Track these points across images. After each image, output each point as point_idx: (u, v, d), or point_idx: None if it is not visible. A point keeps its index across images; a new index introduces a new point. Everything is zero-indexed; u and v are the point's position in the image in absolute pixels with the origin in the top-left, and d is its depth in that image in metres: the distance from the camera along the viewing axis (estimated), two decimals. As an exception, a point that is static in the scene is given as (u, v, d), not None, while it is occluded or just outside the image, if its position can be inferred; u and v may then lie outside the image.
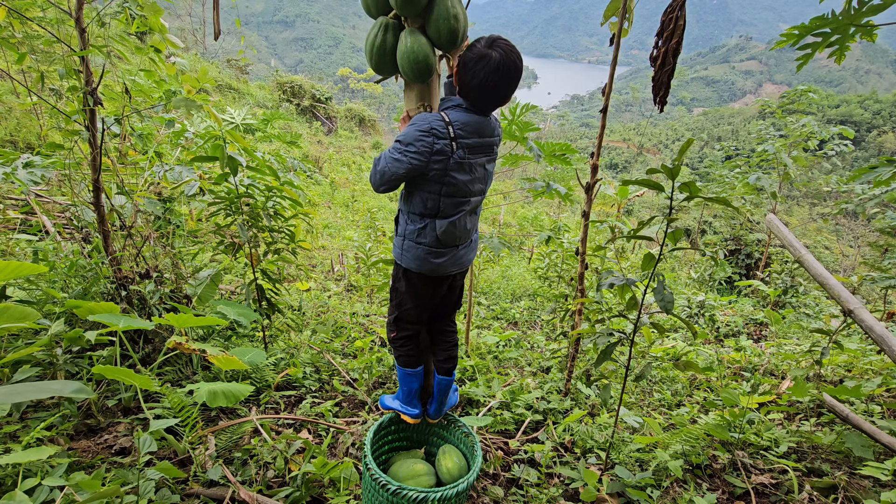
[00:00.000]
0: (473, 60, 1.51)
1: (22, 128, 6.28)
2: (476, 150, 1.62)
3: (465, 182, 1.63)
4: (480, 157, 1.64)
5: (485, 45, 1.52)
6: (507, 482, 2.19)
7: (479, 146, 1.63)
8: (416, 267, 1.70)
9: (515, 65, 1.52)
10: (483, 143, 1.64)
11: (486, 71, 1.50)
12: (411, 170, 1.57)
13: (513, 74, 1.53)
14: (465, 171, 1.63)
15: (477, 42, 1.54)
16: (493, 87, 1.53)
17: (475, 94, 1.56)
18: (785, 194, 7.08)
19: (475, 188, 1.68)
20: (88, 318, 1.82)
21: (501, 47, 1.50)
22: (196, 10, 28.53)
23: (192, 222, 4.12)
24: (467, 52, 1.54)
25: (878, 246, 4.35)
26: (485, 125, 1.62)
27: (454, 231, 1.68)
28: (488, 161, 1.69)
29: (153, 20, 2.47)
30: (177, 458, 2.00)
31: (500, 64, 1.49)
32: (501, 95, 1.57)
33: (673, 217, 1.74)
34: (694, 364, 1.99)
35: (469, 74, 1.53)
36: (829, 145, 6.50)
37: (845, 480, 2.07)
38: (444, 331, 1.93)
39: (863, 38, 2.00)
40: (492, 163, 1.72)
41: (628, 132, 72.71)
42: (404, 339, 1.87)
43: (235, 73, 17.01)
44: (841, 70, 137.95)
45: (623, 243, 5.49)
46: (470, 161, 1.62)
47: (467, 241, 1.77)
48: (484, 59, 1.49)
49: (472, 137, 1.60)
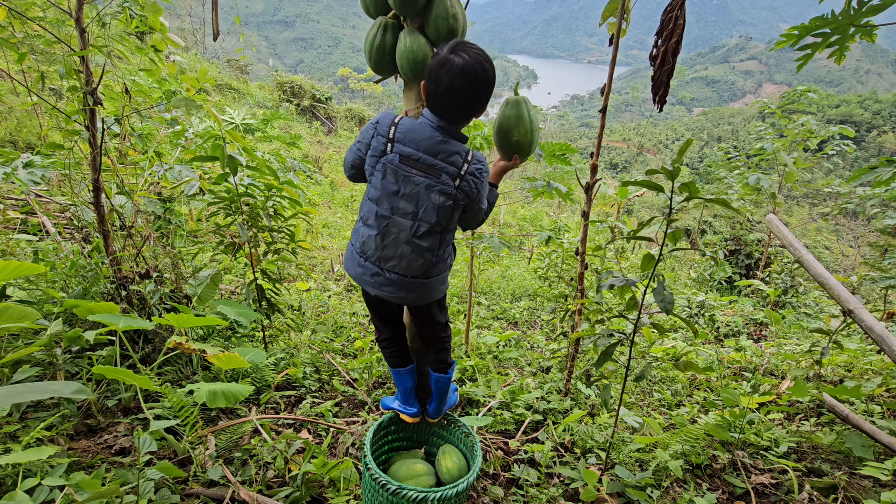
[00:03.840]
0: (437, 66, 1.43)
1: (22, 128, 6.29)
2: (411, 163, 1.49)
3: (389, 192, 1.52)
4: (416, 174, 1.49)
5: (447, 50, 1.43)
6: (507, 482, 2.19)
7: (416, 160, 1.49)
8: (346, 267, 1.69)
9: (483, 69, 1.43)
10: (422, 159, 1.49)
11: (450, 76, 1.41)
12: (356, 160, 1.61)
13: (480, 79, 1.43)
14: (393, 181, 1.52)
15: (440, 48, 1.46)
16: (460, 93, 1.44)
17: (442, 102, 1.47)
18: (785, 194, 7.09)
19: (401, 206, 1.52)
20: (88, 318, 1.82)
21: (466, 51, 1.42)
22: (196, 10, 28.54)
23: (192, 222, 4.12)
24: (431, 60, 1.47)
25: (878, 246, 4.35)
26: (433, 141, 1.49)
27: (373, 246, 1.57)
28: (428, 187, 1.50)
29: (153, 20, 2.47)
30: (177, 458, 2.00)
31: (465, 69, 1.40)
32: (470, 103, 1.48)
33: (673, 217, 1.74)
34: (694, 364, 1.99)
35: (434, 82, 1.45)
36: (830, 145, 6.50)
37: (845, 480, 2.07)
38: (431, 338, 1.86)
39: (863, 39, 2.00)
40: (434, 192, 1.50)
41: (628, 132, 72.72)
42: (383, 341, 1.88)
43: (235, 73, 17.02)
44: (841, 70, 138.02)
45: (623, 243, 5.49)
46: (403, 172, 1.50)
47: (394, 269, 1.59)
48: (447, 64, 1.41)
49: (410, 146, 1.49)
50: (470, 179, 1.52)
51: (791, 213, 22.29)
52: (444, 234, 1.59)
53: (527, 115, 1.67)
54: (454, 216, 1.58)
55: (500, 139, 1.70)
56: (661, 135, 70.53)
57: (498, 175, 1.75)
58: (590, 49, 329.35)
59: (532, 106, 1.75)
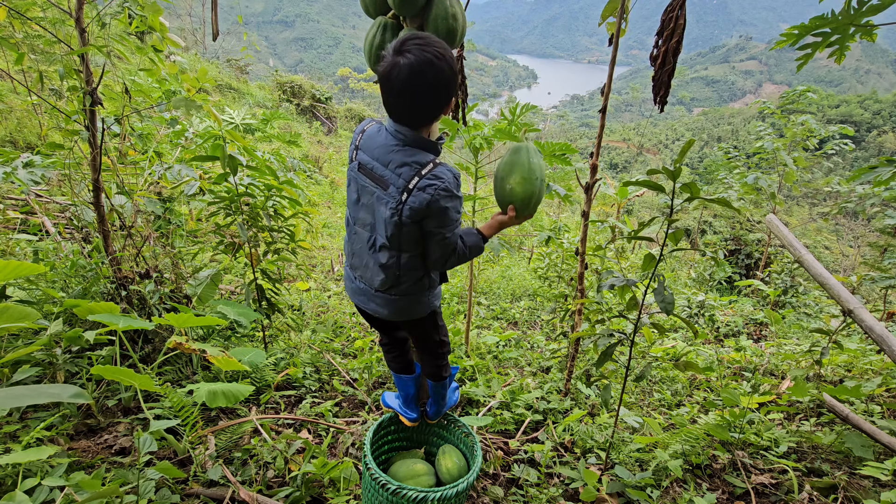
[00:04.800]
0: (385, 71, 1.30)
1: (22, 127, 6.28)
2: (366, 172, 1.42)
3: (352, 201, 1.50)
4: (370, 183, 1.42)
5: (393, 51, 1.29)
6: (507, 482, 2.19)
7: (369, 168, 1.41)
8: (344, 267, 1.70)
9: (433, 65, 1.27)
10: (374, 168, 1.40)
11: (399, 80, 1.29)
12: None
13: (431, 78, 1.28)
14: (354, 190, 1.49)
15: (387, 49, 1.33)
16: (410, 96, 1.31)
17: (397, 108, 1.35)
18: (785, 194, 7.09)
19: (360, 216, 1.48)
20: (88, 317, 1.82)
21: (412, 50, 1.27)
22: (196, 10, 28.53)
23: (192, 222, 4.12)
24: (380, 63, 1.33)
25: (877, 246, 4.34)
26: (385, 150, 1.39)
27: (347, 252, 1.58)
28: (378, 198, 1.40)
29: (153, 20, 2.47)
30: (177, 458, 2.00)
31: (413, 68, 1.26)
32: (426, 105, 1.34)
33: (673, 217, 1.74)
34: (694, 364, 1.99)
35: (384, 86, 1.33)
36: (830, 145, 6.49)
37: (845, 480, 2.07)
38: (426, 351, 1.81)
39: (863, 38, 2.00)
40: (383, 204, 1.39)
41: (628, 132, 72.73)
42: (384, 345, 1.87)
43: (235, 73, 17.01)
44: (841, 70, 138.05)
45: (623, 243, 5.49)
46: (360, 182, 1.45)
47: (362, 279, 1.56)
48: (395, 69, 1.28)
49: (367, 154, 1.42)
50: (419, 195, 1.33)
51: (791, 213, 22.27)
52: (402, 254, 1.44)
53: (526, 162, 1.50)
54: (408, 236, 1.41)
55: (495, 188, 1.55)
56: (661, 135, 70.55)
57: (491, 228, 1.57)
58: (590, 49, 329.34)
59: (538, 153, 1.54)
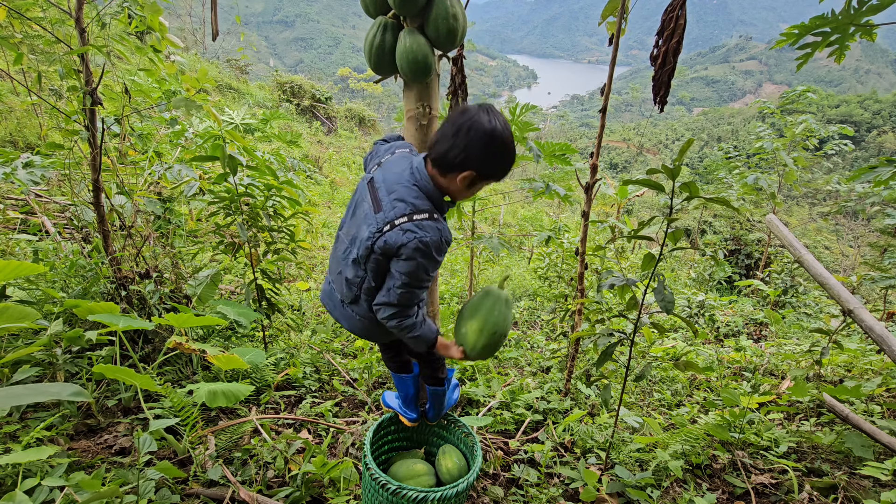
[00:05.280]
0: (468, 112, 1.30)
1: (22, 127, 6.28)
2: (372, 190, 1.40)
3: (350, 208, 1.50)
4: (369, 200, 1.39)
5: (481, 105, 1.31)
6: (507, 482, 2.19)
7: (376, 188, 1.39)
8: None
9: (507, 138, 1.31)
10: (379, 189, 1.38)
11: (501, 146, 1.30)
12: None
13: (497, 140, 1.30)
14: (355, 199, 1.48)
15: (469, 109, 1.30)
16: (462, 134, 1.29)
17: (443, 136, 1.32)
18: (785, 194, 7.09)
19: (348, 226, 1.48)
20: (88, 317, 1.82)
21: (500, 118, 1.30)
22: (196, 10, 28.54)
23: (192, 222, 4.12)
24: (473, 121, 1.28)
25: (877, 246, 4.35)
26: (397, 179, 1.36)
27: (333, 256, 1.56)
28: (367, 219, 1.37)
29: (153, 20, 2.47)
30: (177, 458, 2.00)
31: (498, 127, 1.30)
32: (468, 152, 1.30)
33: (673, 217, 1.74)
34: (694, 364, 1.99)
35: (454, 124, 1.31)
36: (829, 145, 6.49)
37: (845, 480, 2.07)
38: (419, 357, 1.83)
39: (863, 38, 2.00)
40: (367, 226, 1.36)
41: (628, 132, 72.72)
42: (380, 344, 1.88)
43: (235, 73, 17.01)
44: (841, 70, 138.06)
45: (623, 243, 5.48)
46: (363, 195, 1.42)
47: (334, 283, 1.56)
48: (498, 137, 1.29)
49: (382, 174, 1.41)
50: (397, 234, 1.28)
51: (791, 213, 22.28)
52: (367, 278, 1.41)
53: (489, 312, 1.49)
54: (374, 264, 1.37)
55: (456, 323, 1.57)
56: (661, 135, 70.54)
57: (441, 346, 1.56)
58: (590, 49, 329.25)
59: (509, 304, 1.53)
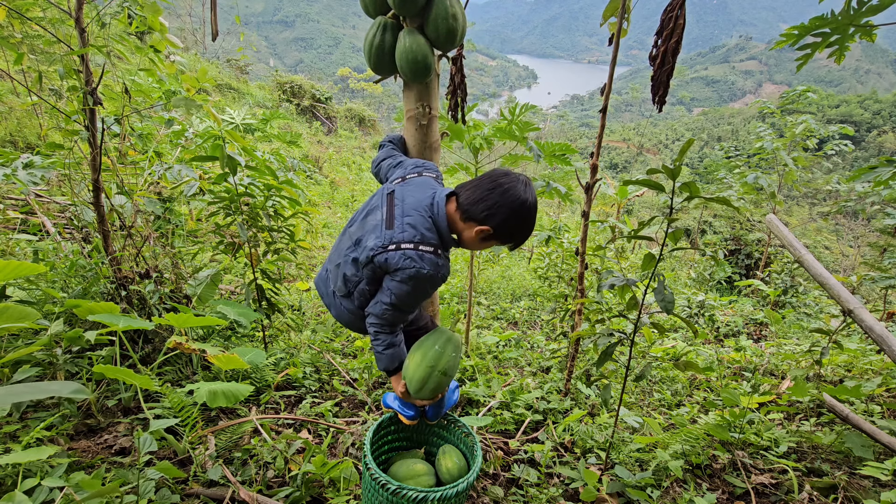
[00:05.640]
0: (527, 209, 1.47)
1: (22, 127, 6.28)
2: (390, 203, 1.49)
3: (363, 209, 1.58)
4: (385, 212, 1.48)
5: (523, 180, 1.48)
6: (507, 482, 2.19)
7: (394, 204, 1.48)
8: None
9: (531, 208, 1.49)
10: (397, 206, 1.47)
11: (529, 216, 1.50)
12: (380, 161, 1.83)
13: (524, 211, 1.47)
14: (371, 203, 1.57)
15: (517, 182, 1.46)
16: (499, 192, 1.45)
17: (480, 189, 1.45)
18: (785, 194, 7.10)
19: (358, 226, 1.55)
20: (88, 318, 1.82)
21: (531, 190, 1.49)
22: (196, 10, 28.54)
23: (191, 222, 4.12)
24: (522, 196, 1.45)
25: (877, 246, 4.35)
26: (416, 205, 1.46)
27: (336, 247, 1.65)
28: (376, 228, 1.46)
29: (153, 20, 2.47)
30: (177, 458, 1.99)
31: (529, 198, 1.48)
32: (500, 213, 1.46)
33: (673, 217, 1.74)
34: (694, 364, 1.99)
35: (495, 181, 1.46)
36: (829, 145, 6.50)
37: (845, 480, 2.07)
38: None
39: (862, 38, 2.00)
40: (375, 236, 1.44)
41: (628, 132, 72.72)
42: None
43: (235, 73, 17.01)
44: (841, 70, 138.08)
45: (623, 243, 5.49)
46: (380, 203, 1.52)
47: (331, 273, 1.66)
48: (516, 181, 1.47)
49: (403, 193, 1.50)
50: (398, 257, 1.38)
51: (791, 213, 22.28)
52: (363, 280, 1.51)
53: (433, 350, 1.59)
54: (370, 272, 1.47)
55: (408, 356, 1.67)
56: (661, 135, 70.54)
57: (395, 382, 1.73)
58: (590, 49, 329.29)
59: (459, 347, 1.64)
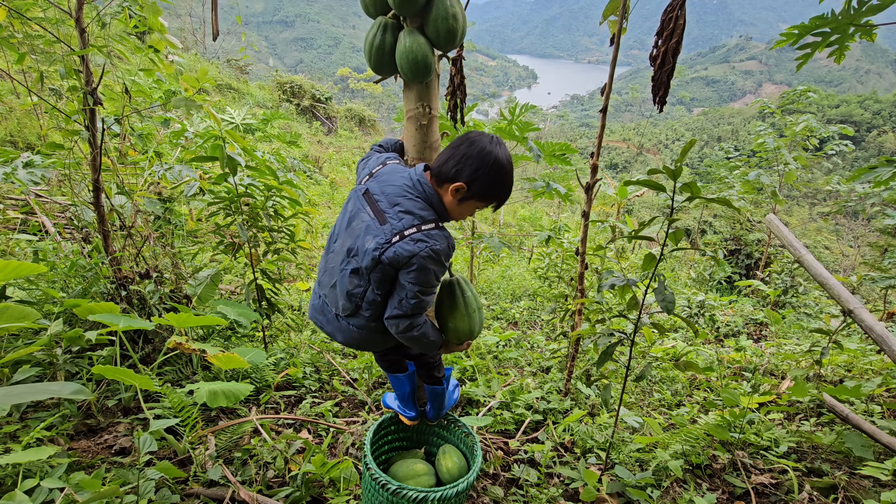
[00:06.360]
0: (481, 138, 1.38)
1: (22, 127, 6.28)
2: (370, 201, 1.42)
3: (343, 220, 1.48)
4: (368, 211, 1.40)
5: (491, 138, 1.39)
6: (507, 482, 2.19)
7: (375, 199, 1.41)
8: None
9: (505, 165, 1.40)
10: (379, 201, 1.40)
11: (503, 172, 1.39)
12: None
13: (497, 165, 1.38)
14: (349, 209, 1.47)
15: (481, 138, 1.38)
16: (463, 147, 1.38)
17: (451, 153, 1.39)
18: (785, 194, 7.10)
19: (344, 237, 1.45)
20: (88, 318, 1.82)
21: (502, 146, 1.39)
22: (196, 10, 28.53)
23: (191, 222, 4.12)
24: (484, 148, 1.36)
25: (878, 246, 4.35)
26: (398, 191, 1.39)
27: (324, 269, 1.54)
28: (369, 230, 1.37)
29: (153, 20, 2.47)
30: (177, 458, 2.00)
31: (500, 152, 1.39)
32: (468, 169, 1.38)
33: (674, 217, 1.74)
34: (694, 364, 1.99)
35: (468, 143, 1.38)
36: (830, 145, 6.50)
37: (845, 480, 2.07)
38: (414, 358, 1.84)
39: (862, 38, 2.00)
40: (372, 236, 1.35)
41: (628, 132, 72.72)
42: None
43: (235, 73, 17.01)
44: (841, 70, 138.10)
45: (623, 243, 5.49)
46: (360, 206, 1.43)
47: (326, 297, 1.54)
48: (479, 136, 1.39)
49: (378, 186, 1.43)
50: (408, 245, 1.30)
51: (791, 213, 22.29)
52: (369, 288, 1.40)
53: (461, 300, 1.58)
54: (380, 274, 1.36)
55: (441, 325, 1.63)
56: (661, 135, 70.55)
57: (447, 347, 1.67)
58: (590, 49, 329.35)
59: (468, 283, 1.63)
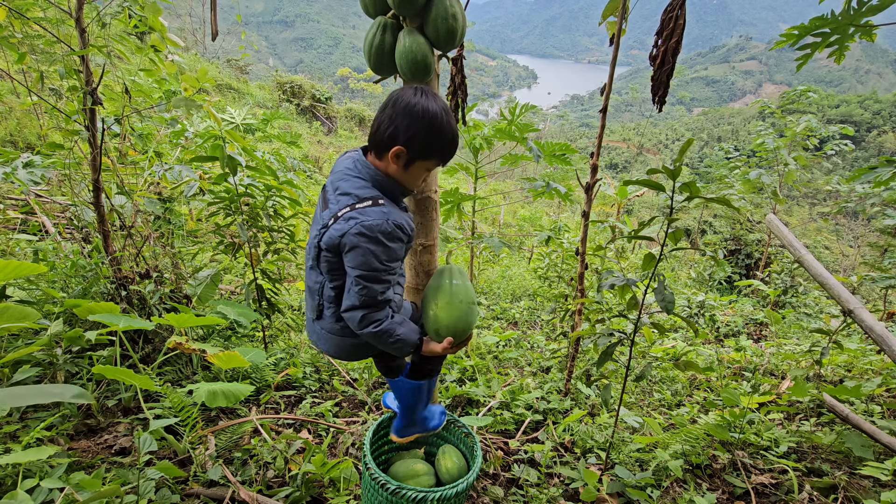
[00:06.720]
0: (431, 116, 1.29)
1: (22, 127, 6.29)
2: (323, 194, 1.39)
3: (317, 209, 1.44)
4: (320, 204, 1.39)
5: (443, 106, 1.32)
6: (507, 482, 2.19)
7: (325, 190, 1.38)
8: None
9: (448, 113, 1.34)
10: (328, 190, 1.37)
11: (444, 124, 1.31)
12: None
13: (415, 111, 1.29)
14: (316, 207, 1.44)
15: (405, 91, 1.32)
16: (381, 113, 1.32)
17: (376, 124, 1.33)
18: (785, 194, 7.10)
19: (311, 234, 1.41)
20: (88, 317, 1.82)
21: (430, 96, 1.32)
22: (196, 10, 28.52)
23: (192, 222, 4.12)
24: (410, 101, 1.29)
25: (878, 246, 4.35)
26: (340, 175, 1.35)
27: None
28: (316, 221, 1.37)
29: (153, 20, 2.47)
30: (177, 458, 2.00)
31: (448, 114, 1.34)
32: (385, 127, 1.31)
33: (673, 217, 1.74)
34: (694, 364, 1.99)
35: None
36: (830, 145, 6.50)
37: (845, 480, 2.07)
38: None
39: (862, 39, 2.00)
40: (315, 226, 1.35)
41: (628, 132, 72.72)
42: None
43: (235, 73, 17.02)
44: (841, 70, 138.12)
45: (623, 243, 5.49)
46: (320, 202, 1.40)
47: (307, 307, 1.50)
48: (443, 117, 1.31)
49: (330, 176, 1.39)
50: (340, 225, 1.26)
51: (791, 213, 22.30)
52: (326, 282, 1.38)
53: (448, 285, 1.51)
54: (326, 263, 1.33)
55: (423, 315, 1.56)
56: (661, 135, 70.55)
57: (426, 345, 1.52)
58: (590, 49, 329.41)
59: (463, 274, 1.56)
